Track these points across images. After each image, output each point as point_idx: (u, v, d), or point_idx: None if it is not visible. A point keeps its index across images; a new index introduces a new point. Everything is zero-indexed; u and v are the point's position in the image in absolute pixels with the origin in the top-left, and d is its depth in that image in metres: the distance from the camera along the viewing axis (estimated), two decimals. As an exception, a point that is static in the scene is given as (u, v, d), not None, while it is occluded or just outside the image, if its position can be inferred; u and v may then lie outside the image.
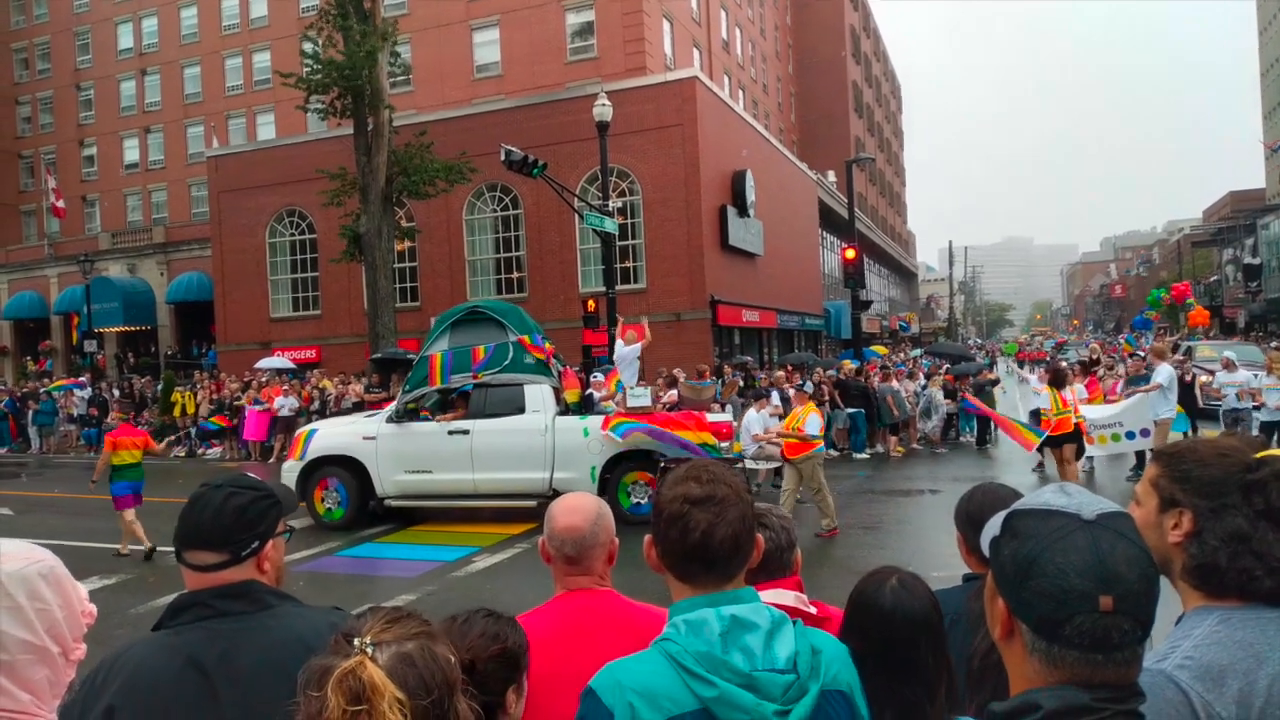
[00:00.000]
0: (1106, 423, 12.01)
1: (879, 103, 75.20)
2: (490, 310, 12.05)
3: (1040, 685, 1.11)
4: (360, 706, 1.09)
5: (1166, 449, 1.63)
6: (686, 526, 1.51)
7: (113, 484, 10.44)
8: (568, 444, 11.15)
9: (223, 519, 1.75)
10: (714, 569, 1.52)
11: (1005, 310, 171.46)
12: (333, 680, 1.11)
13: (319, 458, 11.80)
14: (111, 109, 46.12)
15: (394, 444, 11.56)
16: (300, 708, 1.15)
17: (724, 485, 1.55)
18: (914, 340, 61.30)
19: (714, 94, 27.73)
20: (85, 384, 27.07)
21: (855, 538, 9.94)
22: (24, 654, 1.23)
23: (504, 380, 11.38)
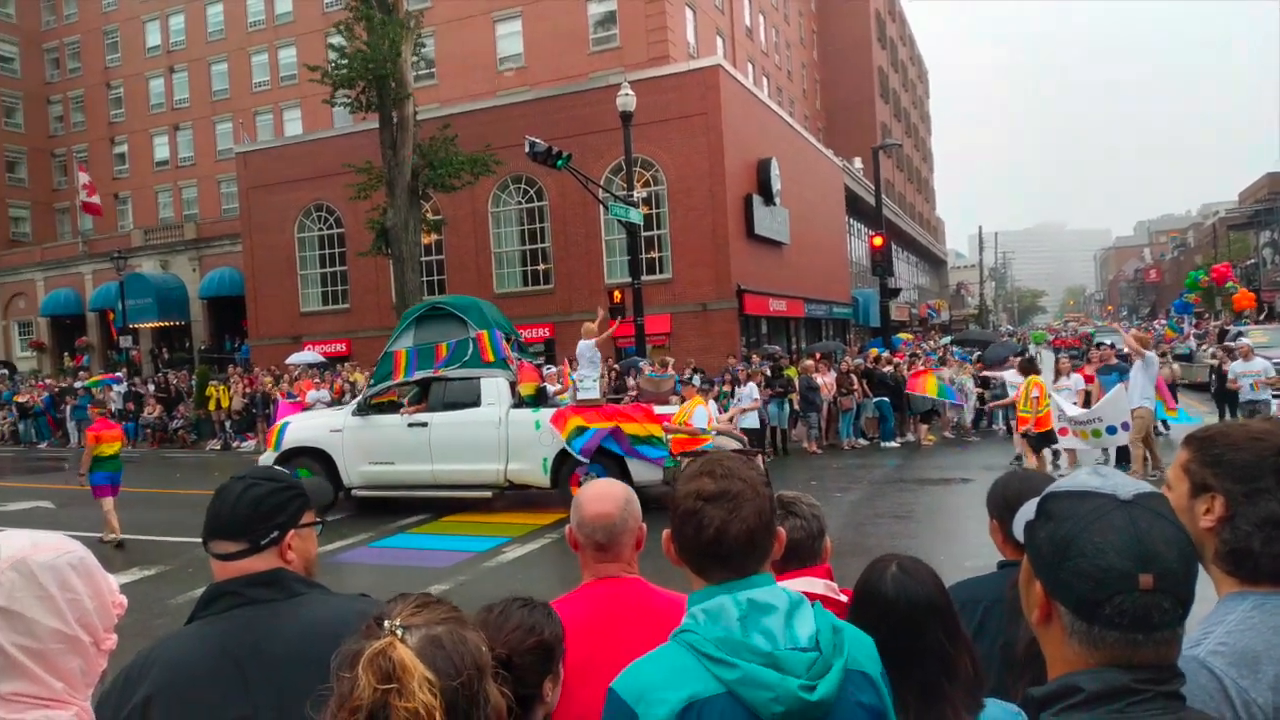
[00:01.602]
0: (1086, 419, 11.79)
1: (905, 88, 74.39)
2: (451, 307, 12.49)
3: (1080, 668, 1.10)
4: (391, 685, 1.12)
5: (1198, 433, 1.60)
6: (700, 523, 1.51)
7: (92, 475, 10.94)
8: (520, 436, 11.40)
9: (240, 509, 1.80)
10: (729, 565, 1.52)
11: (1037, 297, 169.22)
12: (364, 660, 1.14)
13: (291, 449, 12.28)
14: (141, 107, 46.75)
15: (358, 436, 11.97)
16: (333, 690, 1.17)
17: (739, 480, 1.54)
18: (944, 328, 60.74)
19: (738, 82, 27.57)
20: (121, 379, 27.52)
21: (886, 527, 9.89)
22: (55, 643, 1.25)
23: (462, 374, 11.73)
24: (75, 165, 44.05)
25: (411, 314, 12.77)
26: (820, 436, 17.56)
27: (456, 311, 12.27)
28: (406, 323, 12.58)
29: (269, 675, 1.68)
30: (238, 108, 43.74)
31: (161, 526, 12.04)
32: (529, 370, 12.17)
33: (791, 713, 1.39)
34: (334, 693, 1.17)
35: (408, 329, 12.43)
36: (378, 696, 1.11)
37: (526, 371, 12.08)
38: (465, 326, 12.03)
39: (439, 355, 11.84)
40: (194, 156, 45.63)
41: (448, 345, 11.85)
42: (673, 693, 1.42)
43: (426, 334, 12.17)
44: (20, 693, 1.23)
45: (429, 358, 11.90)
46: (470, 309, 12.41)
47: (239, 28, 43.75)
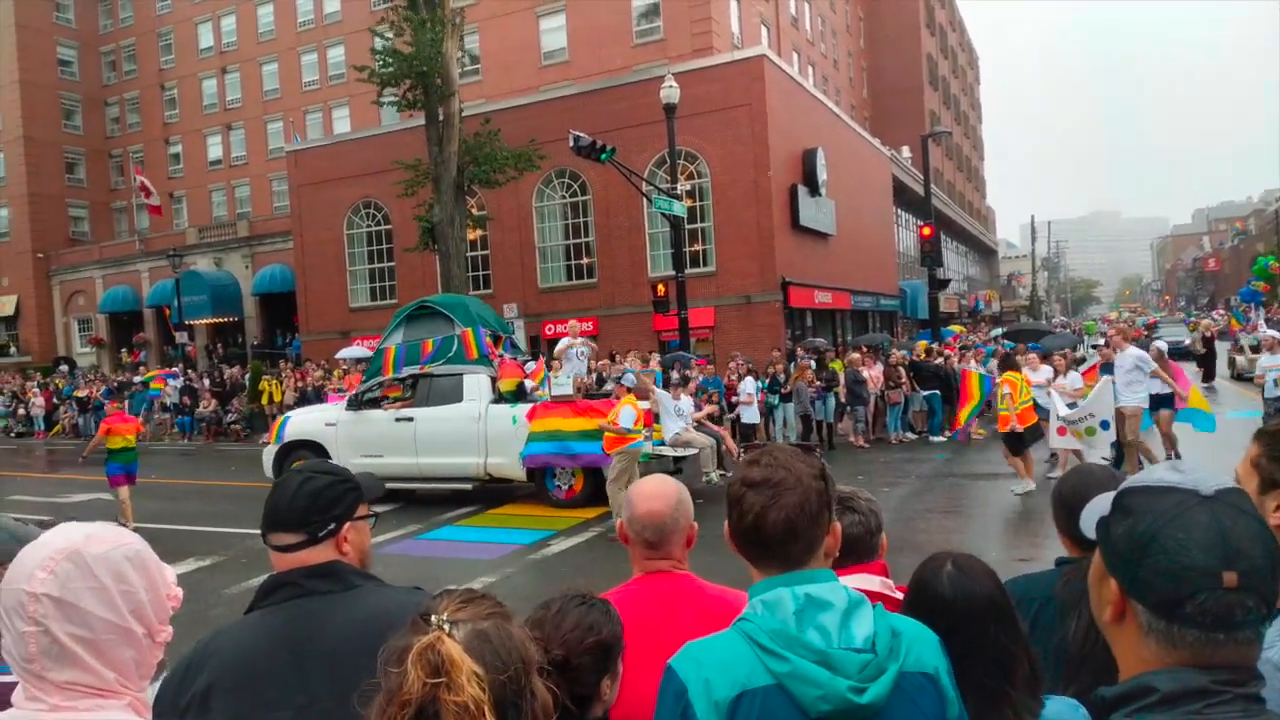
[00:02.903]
0: (1078, 417, 11.48)
1: (955, 74, 73.09)
2: (438, 305, 13.11)
3: (1156, 667, 1.07)
4: (439, 679, 1.13)
5: (1269, 427, 1.54)
6: (741, 509, 1.53)
7: (108, 465, 11.58)
8: (499, 431, 11.78)
9: (298, 502, 1.83)
10: (771, 552, 1.51)
11: (1092, 287, 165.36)
12: (413, 654, 1.15)
13: (291, 442, 12.89)
14: (195, 107, 47.79)
15: (351, 430, 12.53)
16: (381, 685, 1.18)
17: (784, 469, 1.53)
18: (994, 319, 59.66)
19: (783, 71, 27.31)
20: (178, 374, 28.21)
21: (936, 522, 9.74)
22: (108, 634, 1.27)
23: (445, 370, 12.24)
24: (132, 166, 45.19)
25: (402, 312, 13.39)
26: (867, 430, 17.36)
27: (443, 310, 12.86)
28: (398, 321, 13.21)
29: (327, 665, 1.71)
30: (288, 107, 44.49)
31: (216, 518, 12.33)
32: (510, 367, 12.46)
33: (838, 713, 1.38)
34: (382, 688, 1.17)
35: (398, 326, 13.06)
36: (427, 691, 1.12)
37: (508, 368, 12.39)
38: (452, 324, 12.56)
39: (425, 351, 12.37)
40: (246, 156, 46.53)
41: (434, 342, 12.39)
42: (726, 678, 1.43)
43: (415, 331, 12.76)
44: (74, 682, 1.24)
45: (416, 354, 12.44)
46: (456, 307, 12.97)
47: (289, 28, 44.49)
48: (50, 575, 1.24)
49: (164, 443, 25.12)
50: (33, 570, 1.25)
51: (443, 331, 12.55)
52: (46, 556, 1.26)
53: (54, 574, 1.24)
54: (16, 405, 30.41)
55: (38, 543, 1.29)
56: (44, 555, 1.26)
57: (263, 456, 13.43)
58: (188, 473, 18.39)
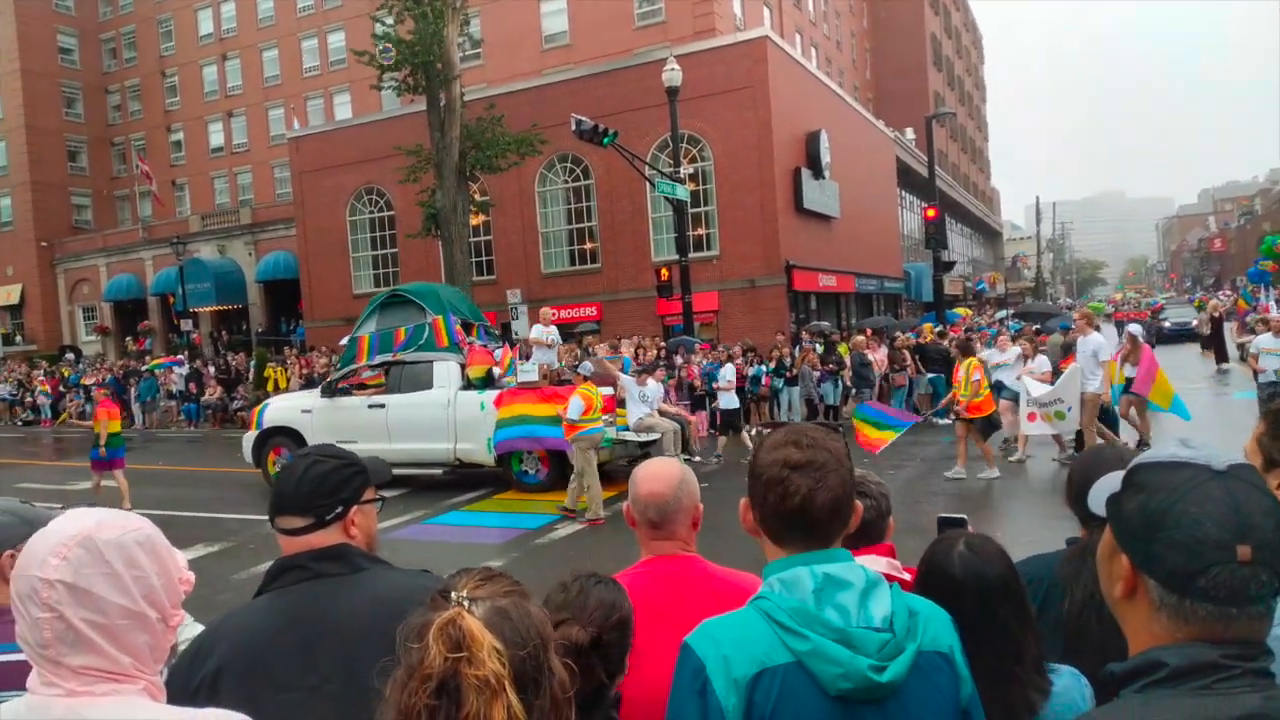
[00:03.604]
0: (1048, 400, 11.42)
1: (959, 54, 72.60)
2: (409, 294, 13.40)
3: (1167, 642, 1.07)
4: (460, 654, 1.14)
5: (1274, 407, 1.54)
6: (786, 491, 1.51)
7: (93, 450, 12.03)
8: (467, 417, 12.00)
9: (304, 485, 1.84)
10: (813, 534, 1.52)
11: (1097, 268, 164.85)
12: (434, 630, 1.16)
13: (270, 428, 13.15)
14: (196, 94, 47.65)
15: (326, 416, 12.72)
16: (400, 662, 1.19)
17: (824, 450, 1.54)
18: (999, 301, 59.50)
19: (785, 53, 27.15)
20: (183, 362, 28.28)
21: (942, 505, 9.75)
22: (122, 619, 1.27)
23: (416, 358, 12.49)
24: (134, 154, 45.09)
25: (375, 301, 13.67)
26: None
27: (415, 298, 13.12)
28: (371, 309, 13.51)
29: (335, 647, 1.72)
30: (289, 93, 44.35)
31: (223, 504, 12.40)
32: (479, 354, 12.60)
33: (858, 691, 1.39)
34: (402, 664, 1.19)
35: (372, 315, 13.35)
36: (448, 665, 1.14)
37: (477, 355, 12.54)
38: (424, 312, 12.79)
39: (397, 339, 12.65)
40: (248, 143, 46.42)
41: (406, 330, 12.65)
42: (745, 656, 1.43)
43: (388, 320, 13.01)
44: (89, 666, 1.25)
45: (389, 342, 12.72)
46: (428, 295, 13.24)
47: (289, 14, 44.28)
48: (63, 561, 1.25)
49: (170, 430, 25.21)
50: (45, 557, 1.25)
51: (415, 320, 12.78)
52: (59, 543, 1.27)
53: (67, 560, 1.25)
54: (23, 393, 30.52)
55: (48, 529, 1.30)
56: (56, 542, 1.27)
57: (243, 441, 13.74)
58: (194, 459, 18.46)
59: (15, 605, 1.27)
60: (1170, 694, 1.04)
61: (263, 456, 13.14)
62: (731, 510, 1.70)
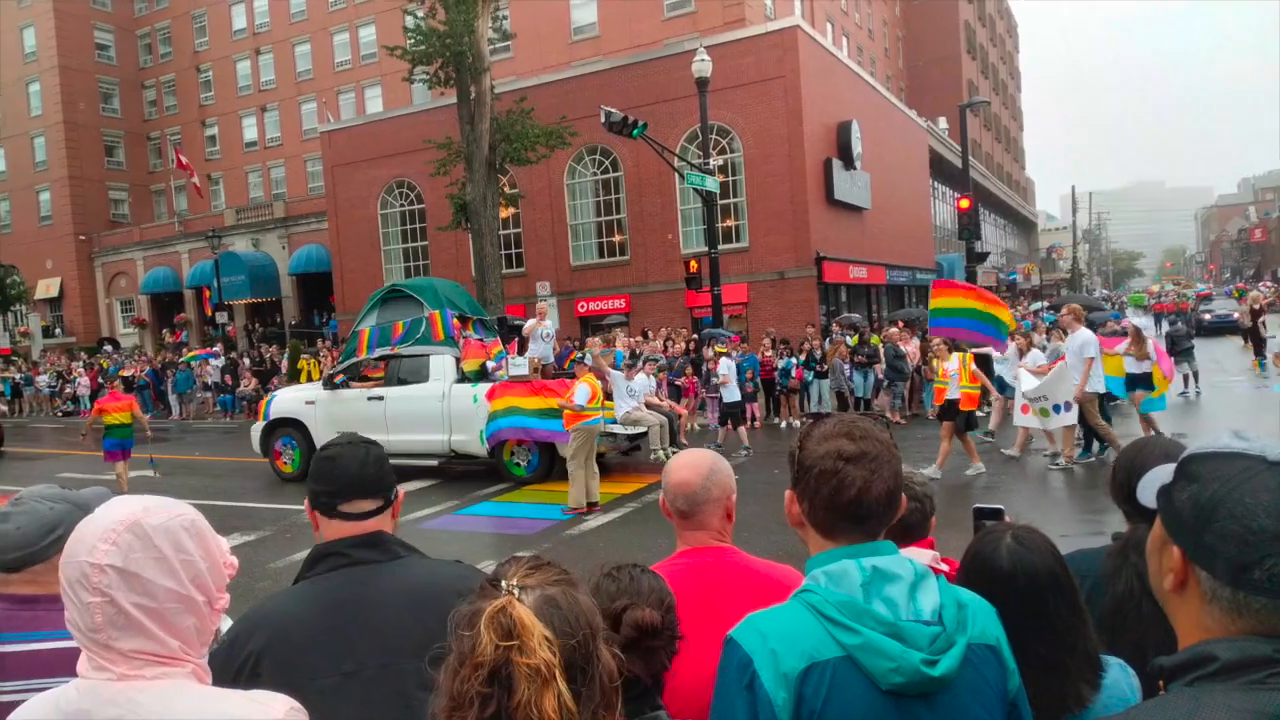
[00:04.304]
0: (1035, 395, 11.23)
1: (993, 42, 71.58)
2: (408, 289, 13.80)
3: (1219, 635, 1.05)
4: (511, 642, 1.15)
5: None
6: (842, 483, 1.49)
7: (105, 441, 12.42)
8: (461, 409, 12.25)
9: (370, 468, 1.89)
10: (865, 525, 1.51)
11: (1134, 259, 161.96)
12: (485, 618, 1.17)
13: (276, 419, 13.57)
14: (230, 89, 48.22)
15: (328, 408, 13.09)
16: (452, 649, 1.20)
17: (877, 442, 1.52)
18: (1034, 293, 58.71)
19: (816, 43, 26.91)
20: (218, 354, 28.68)
21: (977, 497, 9.64)
22: (171, 602, 1.29)
23: (413, 351, 12.83)
24: (171, 149, 45.73)
25: (376, 296, 14.06)
26: (904, 406, 17.21)
27: (413, 293, 13.52)
28: (372, 304, 13.91)
29: (372, 634, 1.74)
30: (321, 87, 44.74)
31: (259, 493, 12.57)
32: (474, 347, 12.82)
33: (911, 685, 1.38)
34: (453, 650, 1.20)
35: (372, 309, 13.74)
36: (500, 653, 1.14)
37: (472, 349, 12.76)
38: (421, 307, 13.12)
39: (396, 333, 13.00)
40: (281, 137, 46.91)
41: (404, 324, 13.00)
42: (793, 650, 1.41)
43: (388, 314, 13.39)
44: (140, 650, 1.27)
45: (388, 335, 13.08)
46: (425, 290, 13.61)
47: (321, 8, 44.64)
48: (113, 547, 1.27)
49: (206, 421, 25.59)
50: (95, 543, 1.27)
51: (413, 314, 13.13)
52: (107, 528, 1.28)
53: (116, 545, 1.27)
54: (62, 384, 31.12)
55: (96, 516, 1.32)
56: (105, 527, 1.29)
57: (251, 432, 14.13)
58: (230, 450, 18.71)
59: (65, 591, 1.29)
60: (1222, 688, 1.02)
61: (269, 446, 13.64)
62: (755, 503, 1.68)
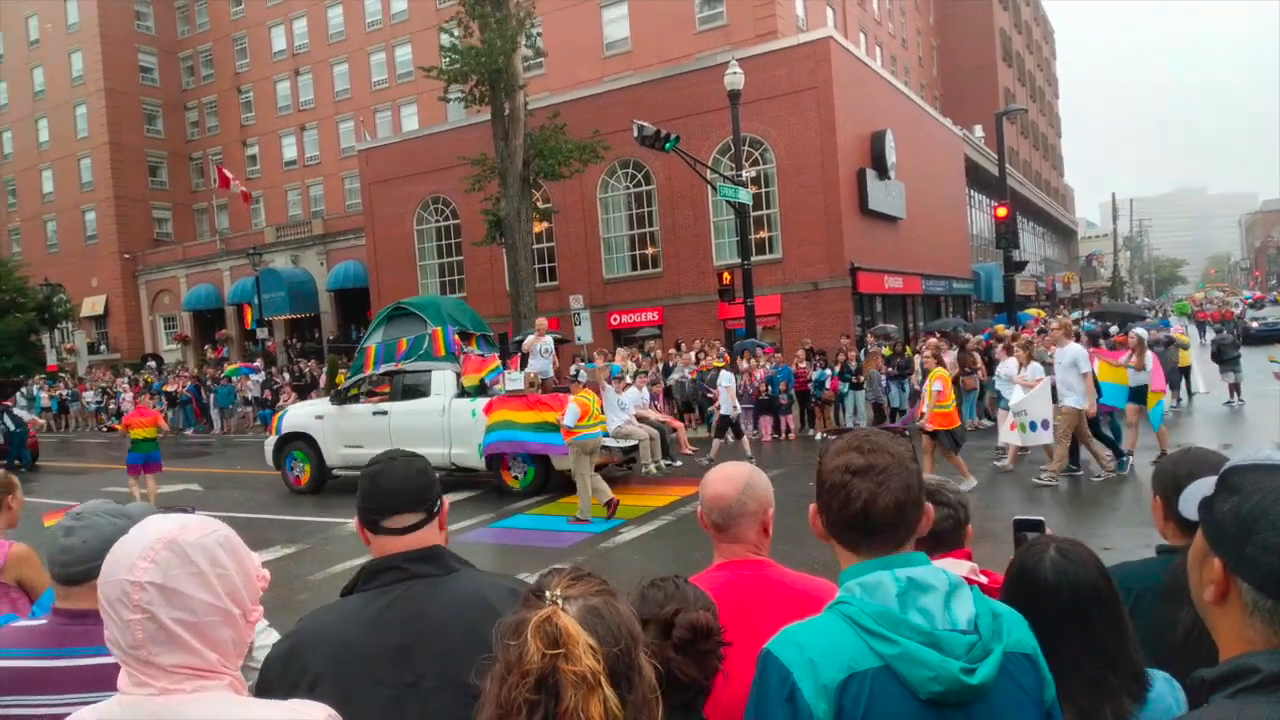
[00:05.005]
0: (1018, 410, 11.01)
1: (1030, 49, 70.87)
2: (412, 307, 14.25)
3: (1261, 648, 1.04)
4: (557, 650, 1.17)
5: None
6: (848, 496, 1.52)
7: (129, 455, 12.91)
8: (460, 424, 12.56)
9: (412, 482, 1.91)
10: (876, 538, 1.52)
11: (1177, 266, 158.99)
12: (530, 627, 1.19)
13: (288, 433, 13.99)
14: (270, 109, 49.16)
15: (336, 423, 13.53)
16: (498, 658, 1.23)
17: (886, 454, 1.54)
18: (1074, 301, 57.82)
19: (849, 53, 26.84)
20: (258, 369, 29.15)
21: (1013, 510, 9.48)
22: (210, 616, 1.32)
23: (417, 367, 13.21)
24: (214, 167, 46.69)
25: (382, 314, 14.53)
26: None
27: (417, 311, 13.94)
28: (378, 321, 14.40)
29: (432, 647, 1.77)
30: (358, 106, 45.46)
31: (298, 507, 12.73)
32: (474, 363, 13.14)
33: (949, 693, 1.39)
34: (500, 660, 1.22)
35: (379, 326, 14.22)
36: (546, 661, 1.17)
37: (471, 364, 13.08)
38: (424, 324, 13.49)
39: (400, 350, 13.40)
40: (319, 155, 47.71)
41: (408, 340, 13.38)
42: (831, 661, 1.42)
43: (393, 331, 13.80)
44: (180, 665, 1.30)
45: (393, 352, 13.50)
46: (428, 308, 14.06)
47: (358, 28, 45.42)
48: (152, 564, 1.30)
49: (247, 435, 25.98)
50: (134, 561, 1.30)
51: (417, 331, 13.50)
52: (146, 546, 1.31)
53: (155, 563, 1.30)
54: (107, 400, 31.80)
55: (132, 536, 1.35)
56: (144, 545, 1.32)
57: (264, 446, 14.58)
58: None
59: (104, 609, 1.31)
60: (1264, 700, 1.01)
61: (281, 459, 14.04)
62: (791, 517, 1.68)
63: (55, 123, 50.52)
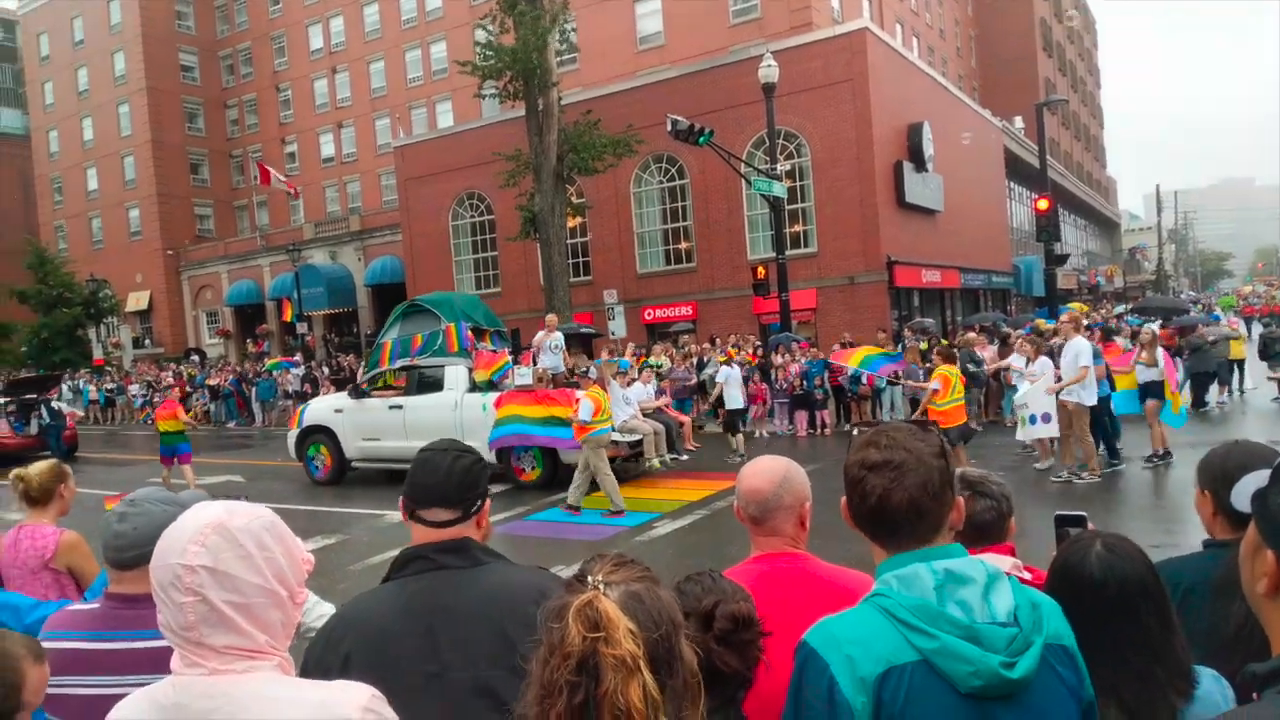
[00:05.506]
0: (1019, 403, 10.87)
1: (1070, 39, 69.58)
2: (427, 304, 14.59)
3: None
4: (598, 634, 1.19)
5: None
6: (864, 491, 1.53)
7: (159, 447, 13.65)
8: (472, 417, 12.75)
9: (453, 478, 1.93)
10: (898, 533, 1.52)
11: (1223, 259, 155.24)
12: (572, 611, 1.22)
13: (309, 426, 14.34)
14: (307, 107, 49.76)
15: (354, 416, 13.86)
16: (542, 641, 1.25)
17: (903, 450, 1.53)
18: (1117, 295, 56.77)
19: (886, 44, 26.57)
20: (298, 363, 29.55)
21: (1054, 506, 9.35)
22: (259, 598, 1.36)
23: (431, 362, 13.49)
24: (254, 164, 47.40)
25: (398, 311, 14.92)
26: (980, 413, 16.79)
27: (431, 307, 14.26)
28: (394, 318, 14.75)
29: (457, 636, 1.80)
30: (394, 103, 45.87)
31: (338, 498, 12.90)
32: (486, 358, 13.32)
33: (990, 688, 1.38)
34: (543, 642, 1.25)
35: (395, 323, 14.58)
36: (587, 644, 1.19)
37: (483, 359, 13.22)
38: (438, 320, 13.77)
39: (415, 345, 13.71)
40: (356, 152, 48.22)
41: (423, 336, 13.69)
42: (869, 655, 1.42)
43: (409, 327, 14.16)
44: (231, 646, 1.34)
45: (408, 347, 13.81)
46: (442, 304, 14.37)
47: (394, 26, 45.80)
48: (202, 548, 1.34)
49: (287, 428, 26.33)
50: (185, 545, 1.34)
51: (431, 327, 13.77)
52: (196, 531, 1.35)
53: (205, 547, 1.34)
54: (152, 394, 32.43)
55: (181, 522, 1.39)
56: (194, 530, 1.36)
57: (287, 438, 14.98)
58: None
59: (157, 593, 1.36)
60: None
61: (303, 451, 14.35)
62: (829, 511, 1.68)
63: (99, 121, 51.57)
